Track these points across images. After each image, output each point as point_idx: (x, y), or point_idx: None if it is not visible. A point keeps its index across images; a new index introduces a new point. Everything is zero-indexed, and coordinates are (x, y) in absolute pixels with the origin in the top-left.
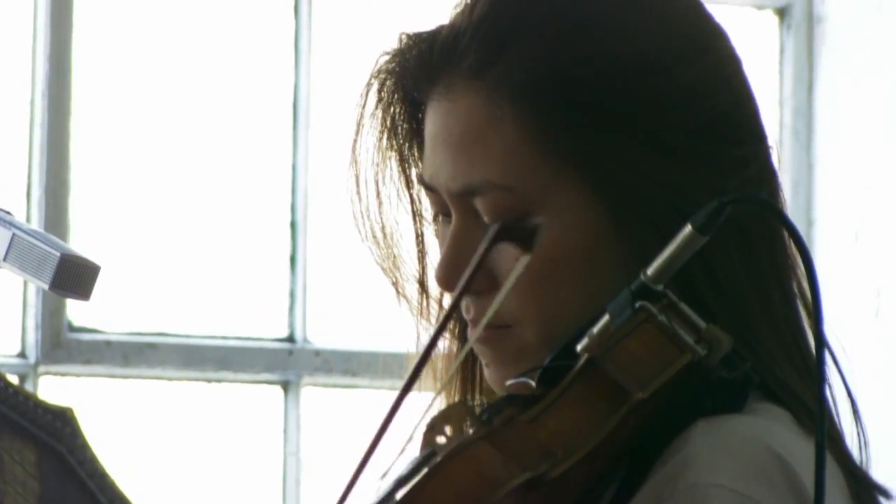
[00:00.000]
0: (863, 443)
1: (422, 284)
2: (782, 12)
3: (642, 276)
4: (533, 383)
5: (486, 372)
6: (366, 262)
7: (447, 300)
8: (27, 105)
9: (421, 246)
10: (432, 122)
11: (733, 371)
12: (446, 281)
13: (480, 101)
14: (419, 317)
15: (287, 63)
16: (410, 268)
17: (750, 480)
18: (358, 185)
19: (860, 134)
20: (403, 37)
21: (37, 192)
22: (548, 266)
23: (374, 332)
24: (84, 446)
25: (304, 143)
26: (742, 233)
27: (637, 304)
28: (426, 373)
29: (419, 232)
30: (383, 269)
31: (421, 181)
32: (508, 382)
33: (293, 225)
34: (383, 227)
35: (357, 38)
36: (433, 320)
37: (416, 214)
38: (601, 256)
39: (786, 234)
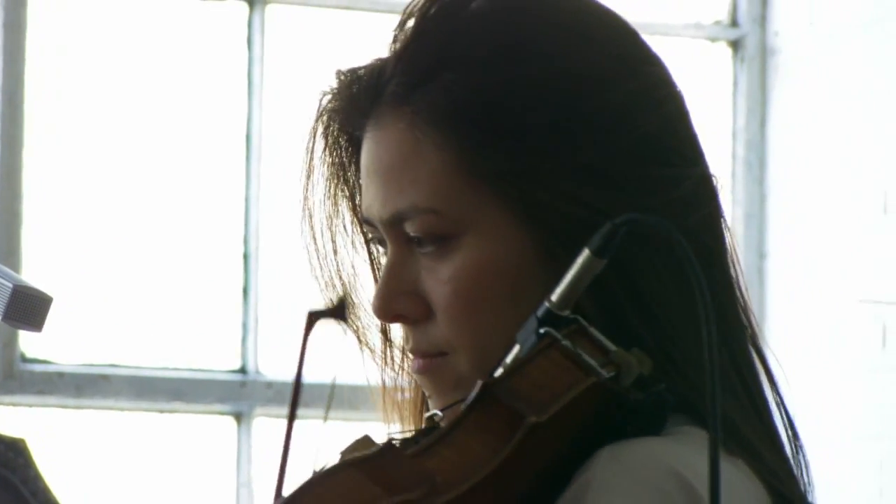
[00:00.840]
0: (803, 466)
1: (384, 333)
2: (735, 45)
3: (547, 303)
4: (440, 414)
5: (429, 403)
6: (318, 296)
7: (408, 346)
8: None
9: None
10: (365, 154)
11: (648, 393)
12: (382, 311)
13: (405, 126)
14: (383, 365)
15: (240, 96)
16: (371, 317)
17: (646, 502)
18: (314, 235)
19: (813, 166)
20: (339, 74)
21: None
22: (476, 289)
23: (325, 364)
24: (37, 477)
25: (257, 176)
26: (673, 255)
27: (541, 331)
28: (387, 404)
29: (378, 279)
30: (345, 320)
31: (360, 216)
32: (426, 415)
33: (246, 257)
34: (341, 276)
35: (310, 71)
36: (398, 369)
37: (374, 261)
38: (528, 279)
39: (732, 254)
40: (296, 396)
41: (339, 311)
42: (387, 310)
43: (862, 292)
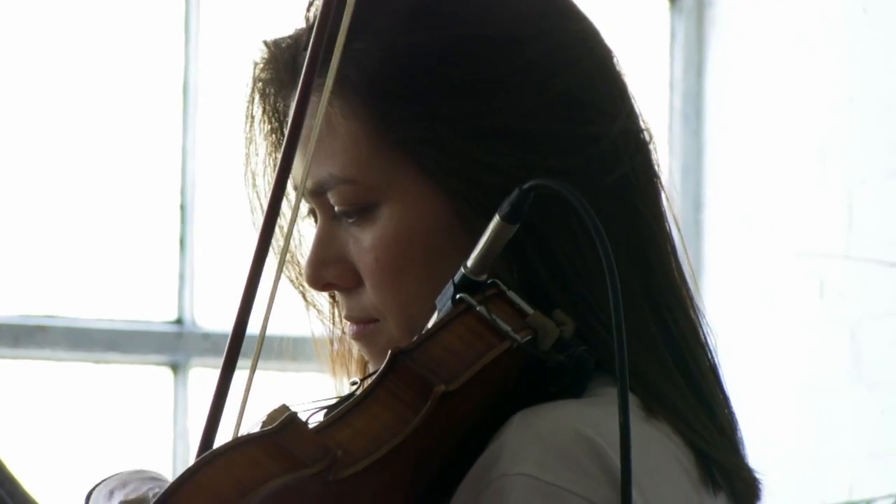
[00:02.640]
0: (731, 422)
1: (332, 295)
2: None
3: (463, 269)
4: (358, 383)
5: (369, 364)
6: (253, 245)
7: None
8: None
9: None
10: (290, 124)
11: (568, 355)
12: (313, 279)
13: (317, 98)
14: (332, 326)
15: (177, 47)
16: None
17: (556, 467)
18: (259, 199)
19: (750, 118)
20: (266, 45)
21: None
22: (395, 257)
23: (261, 314)
24: None
25: (194, 126)
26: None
27: (457, 296)
28: (325, 357)
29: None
30: (290, 280)
31: (293, 186)
32: (350, 381)
33: (182, 208)
34: (285, 235)
35: (247, 23)
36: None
37: (316, 221)
38: (448, 245)
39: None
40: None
41: None
42: (316, 278)
43: (799, 245)
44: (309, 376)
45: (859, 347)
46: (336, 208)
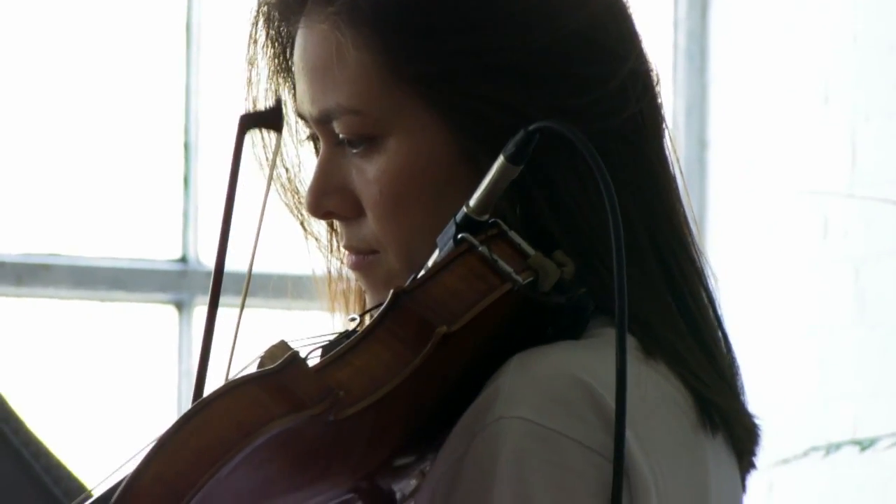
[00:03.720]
0: (733, 367)
1: (332, 225)
2: None
3: (465, 208)
4: (358, 318)
5: (367, 298)
6: (258, 184)
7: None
8: None
9: None
10: (296, 51)
11: (569, 297)
12: (313, 207)
13: (328, 27)
14: (329, 254)
15: None
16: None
17: (552, 412)
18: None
19: (754, 56)
20: None
21: None
22: (400, 189)
23: (266, 253)
24: None
25: (197, 65)
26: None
27: (458, 236)
28: (329, 295)
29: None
30: (289, 207)
31: (295, 111)
32: (348, 317)
33: (187, 146)
34: (284, 164)
35: None
36: (342, 258)
37: (317, 149)
38: (453, 180)
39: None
40: (229, 206)
41: (274, 116)
42: (317, 206)
43: (803, 184)
44: (315, 315)
45: (863, 286)
46: (340, 136)
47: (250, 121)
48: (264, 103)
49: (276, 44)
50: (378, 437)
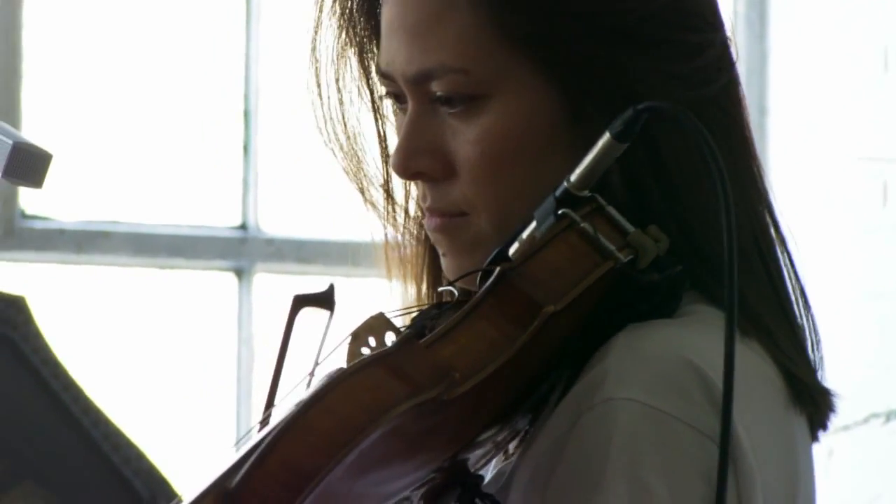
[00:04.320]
0: (814, 341)
1: (387, 190)
2: None
3: (566, 183)
4: (456, 292)
5: (443, 262)
6: (318, 151)
7: (413, 206)
8: None
9: (384, 148)
10: (389, 7)
11: (665, 274)
12: (402, 167)
13: None
14: (385, 222)
15: None
16: (375, 171)
17: (663, 394)
18: (319, 86)
19: (814, 22)
20: None
21: None
22: (500, 148)
23: (325, 220)
24: (37, 334)
25: (257, 32)
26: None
27: (559, 212)
28: (386, 263)
29: (382, 133)
30: (347, 173)
31: (378, 70)
32: (440, 289)
33: (246, 113)
34: (346, 129)
35: None
36: (400, 227)
37: (378, 114)
38: (556, 143)
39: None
40: (279, 369)
41: (327, 298)
42: (407, 166)
43: (863, 149)
44: (373, 283)
45: None
46: (439, 95)
47: (303, 301)
48: (328, 73)
49: (346, 2)
50: (472, 416)
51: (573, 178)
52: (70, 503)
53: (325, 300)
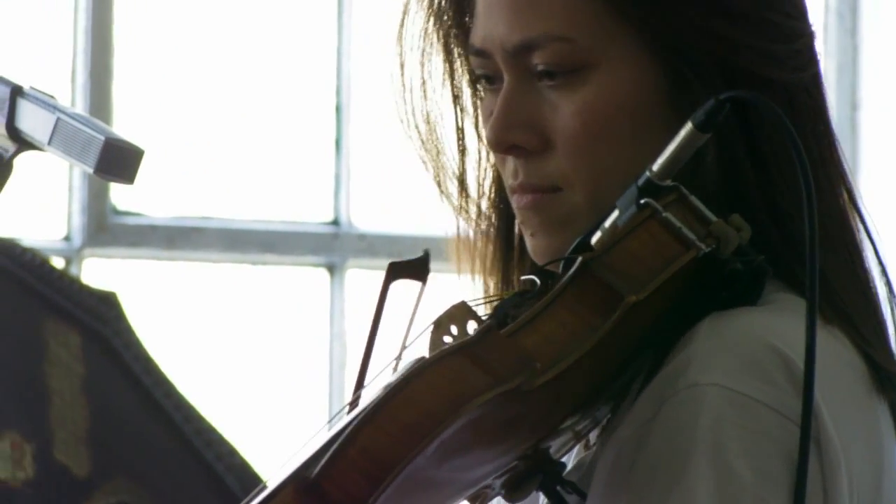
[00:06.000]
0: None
1: (461, 182)
2: None
3: (648, 172)
4: (538, 281)
5: (530, 242)
6: (410, 147)
7: (485, 203)
8: None
9: (461, 141)
10: None
11: (747, 263)
12: (498, 140)
13: None
14: (458, 214)
15: None
16: (451, 162)
17: (747, 378)
18: (402, 71)
19: None
20: None
21: (81, 76)
22: (601, 120)
23: (418, 215)
24: (128, 330)
25: (349, 27)
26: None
27: (641, 201)
28: (465, 255)
29: (460, 125)
30: (424, 160)
31: (472, 49)
32: (523, 277)
33: (338, 108)
34: (427, 116)
35: None
36: (472, 220)
37: (459, 106)
38: (655, 118)
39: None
40: (372, 341)
41: (422, 264)
42: (502, 139)
43: None
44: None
45: None
46: (539, 68)
47: (398, 268)
48: (413, 58)
49: None
50: (553, 405)
51: (655, 167)
52: (162, 499)
53: (419, 266)
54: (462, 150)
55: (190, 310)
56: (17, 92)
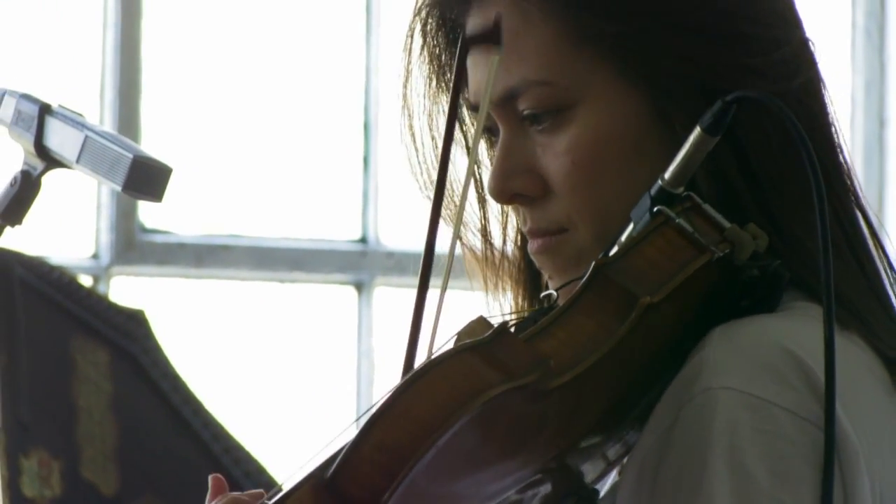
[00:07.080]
0: None
1: (484, 234)
2: None
3: (660, 181)
4: (556, 294)
5: (550, 284)
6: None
7: (510, 246)
8: (100, 6)
9: (480, 192)
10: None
11: (763, 268)
12: (499, 191)
13: (509, 1)
14: (484, 266)
15: None
16: (472, 216)
17: (761, 381)
18: (413, 136)
19: None
20: None
21: (109, 94)
22: (591, 155)
23: (446, 233)
24: (156, 348)
25: (377, 44)
26: (782, 128)
27: (654, 209)
28: (495, 281)
29: (478, 177)
30: (444, 219)
31: (469, 107)
32: (542, 294)
33: (366, 126)
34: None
35: None
36: (498, 270)
37: (473, 158)
38: (643, 145)
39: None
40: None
41: (495, 32)
42: (503, 189)
43: None
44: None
45: None
46: (525, 113)
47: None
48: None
49: (434, 48)
50: (574, 413)
51: (667, 175)
52: None
53: (494, 34)
54: (482, 203)
55: (218, 328)
56: (45, 110)
